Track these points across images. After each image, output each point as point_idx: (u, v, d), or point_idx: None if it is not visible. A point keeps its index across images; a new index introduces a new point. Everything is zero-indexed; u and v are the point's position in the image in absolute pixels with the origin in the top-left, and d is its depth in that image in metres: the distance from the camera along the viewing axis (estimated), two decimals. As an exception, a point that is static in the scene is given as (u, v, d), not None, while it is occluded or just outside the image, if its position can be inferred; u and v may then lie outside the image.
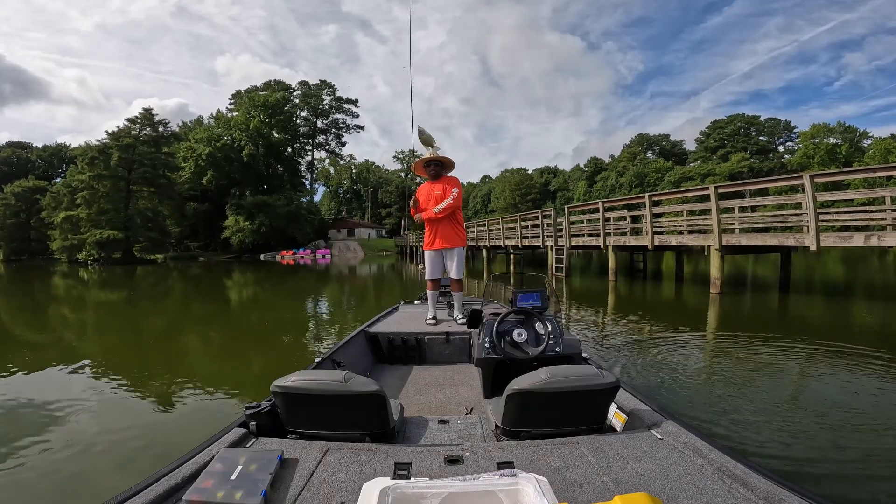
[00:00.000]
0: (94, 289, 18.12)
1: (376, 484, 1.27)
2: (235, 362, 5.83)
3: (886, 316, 7.83)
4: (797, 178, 7.96)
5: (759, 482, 1.29)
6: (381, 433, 1.84)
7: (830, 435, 3.02)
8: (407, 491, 1.21)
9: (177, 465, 1.45)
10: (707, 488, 1.32)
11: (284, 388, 1.73)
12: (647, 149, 65.04)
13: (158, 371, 5.29)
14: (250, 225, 45.41)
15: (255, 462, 1.41)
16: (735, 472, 1.36)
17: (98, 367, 5.41)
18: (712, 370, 4.70)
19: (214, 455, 1.47)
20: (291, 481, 1.39)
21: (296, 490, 1.35)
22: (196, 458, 1.50)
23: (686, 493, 1.30)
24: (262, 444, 1.67)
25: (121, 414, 3.85)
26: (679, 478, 1.38)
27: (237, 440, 1.66)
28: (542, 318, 2.77)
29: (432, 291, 4.27)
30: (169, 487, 1.32)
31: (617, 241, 12.97)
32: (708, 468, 1.43)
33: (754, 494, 1.27)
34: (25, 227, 52.42)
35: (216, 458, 1.45)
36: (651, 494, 1.11)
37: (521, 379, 1.78)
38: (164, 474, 1.39)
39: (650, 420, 1.83)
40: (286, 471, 1.45)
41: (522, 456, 1.54)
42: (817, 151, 46.77)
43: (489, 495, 1.22)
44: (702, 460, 1.47)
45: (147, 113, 41.54)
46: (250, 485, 1.31)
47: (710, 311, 8.39)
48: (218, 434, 1.70)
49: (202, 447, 1.59)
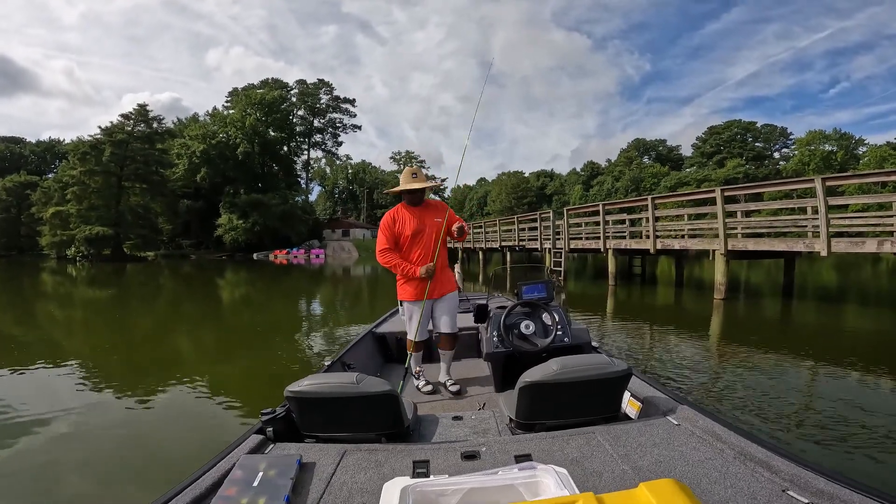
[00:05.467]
0: (81, 286, 17.71)
1: (396, 483, 1.28)
2: (230, 365, 5.57)
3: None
4: (808, 181, 7.74)
5: (783, 464, 1.27)
6: (396, 433, 1.84)
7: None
8: (427, 489, 1.21)
9: (199, 475, 1.44)
10: (730, 472, 1.29)
11: (298, 392, 1.74)
12: (643, 153, 65.05)
13: (144, 372, 5.10)
14: (244, 223, 44.89)
15: (274, 468, 1.42)
16: (757, 456, 1.34)
17: (94, 368, 5.17)
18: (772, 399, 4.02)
19: (235, 463, 1.47)
20: (312, 485, 1.40)
21: (317, 493, 1.35)
22: (217, 466, 1.49)
23: (709, 478, 1.27)
24: (280, 449, 1.66)
25: (109, 416, 3.75)
26: (700, 463, 1.36)
27: (255, 446, 1.65)
28: (549, 308, 2.75)
29: (417, 354, 3.20)
30: (194, 497, 1.32)
31: (617, 245, 12.71)
32: (728, 452, 1.40)
33: (779, 477, 1.24)
34: (16, 222, 51.95)
35: (237, 465, 1.44)
36: (676, 480, 1.05)
37: (532, 371, 1.78)
38: (188, 485, 1.38)
39: (665, 406, 1.82)
40: (306, 475, 1.45)
41: (539, 448, 1.53)
42: (812, 158, 46.94)
43: (509, 489, 1.21)
44: (721, 444, 1.45)
45: (141, 109, 41.12)
46: (272, 490, 1.32)
47: (722, 318, 8.10)
48: (236, 441, 1.70)
49: (222, 455, 1.58)
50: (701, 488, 1.23)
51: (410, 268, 2.99)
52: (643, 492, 0.93)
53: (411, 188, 3.00)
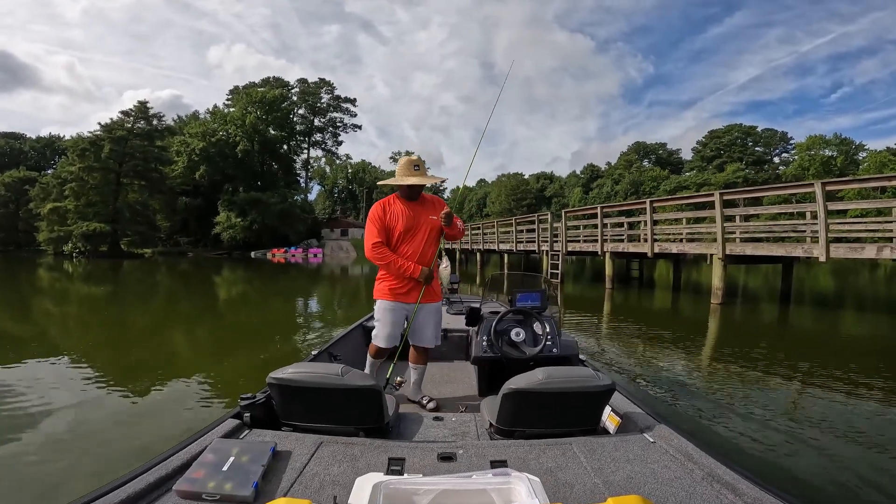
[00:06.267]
0: (76, 282, 17.62)
1: (369, 479, 1.27)
2: (221, 361, 5.49)
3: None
4: (808, 185, 7.68)
5: (748, 488, 1.29)
6: (375, 428, 1.83)
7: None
8: (399, 487, 1.21)
9: (168, 455, 1.42)
10: (696, 493, 1.31)
11: (280, 379, 1.72)
12: (643, 157, 65.07)
13: (144, 366, 5.12)
14: (242, 221, 44.81)
15: (247, 453, 1.40)
16: (724, 478, 1.36)
17: (85, 363, 5.14)
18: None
19: (207, 446, 1.45)
20: (283, 473, 1.38)
21: (287, 482, 1.33)
22: (188, 448, 1.47)
23: (675, 498, 1.29)
24: (255, 435, 1.64)
25: (101, 408, 3.76)
26: (669, 482, 1.37)
27: (230, 431, 1.63)
28: (541, 318, 2.75)
29: (377, 360, 2.86)
30: (160, 477, 1.30)
31: (615, 248, 12.64)
32: (698, 473, 1.42)
33: (741, 500, 1.26)
34: (13, 217, 51.92)
35: (208, 448, 1.42)
36: (643, 497, 1.07)
37: (517, 378, 1.78)
38: (156, 464, 1.36)
39: (643, 423, 1.83)
40: (279, 463, 1.43)
41: (515, 455, 1.53)
42: (812, 163, 46.96)
43: (481, 494, 1.22)
44: (692, 465, 1.47)
45: (142, 105, 41.12)
46: (242, 476, 1.30)
47: (720, 323, 8.06)
48: (211, 424, 1.68)
49: (195, 437, 1.56)
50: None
51: (410, 266, 2.63)
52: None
53: (409, 184, 2.66)
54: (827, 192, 7.22)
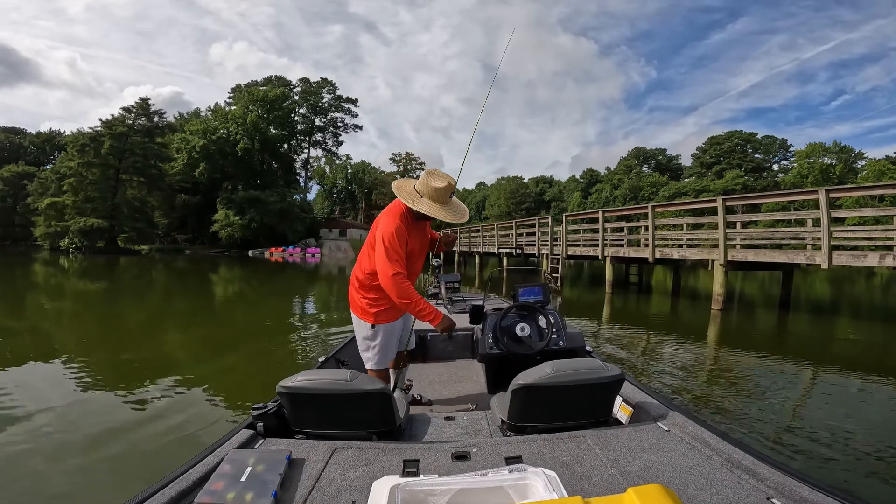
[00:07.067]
0: (72, 278, 17.52)
1: (386, 482, 1.28)
2: (220, 362, 5.45)
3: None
4: (812, 192, 7.66)
5: (769, 472, 1.29)
6: (387, 431, 1.84)
7: None
8: (416, 488, 1.21)
9: (187, 468, 1.42)
10: (716, 479, 1.31)
11: (290, 388, 1.72)
12: (643, 162, 65.15)
13: (131, 368, 5.01)
14: (240, 220, 44.61)
15: (263, 463, 1.41)
16: (744, 463, 1.35)
17: (83, 372, 4.98)
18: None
19: (224, 457, 1.45)
20: (301, 481, 1.38)
21: (305, 490, 1.34)
22: (205, 460, 1.48)
23: (695, 485, 1.29)
24: (269, 444, 1.65)
25: (104, 414, 3.64)
26: (688, 469, 1.37)
27: (245, 441, 1.64)
28: (545, 312, 2.75)
29: (392, 370, 2.76)
30: (180, 490, 1.30)
31: (616, 253, 12.61)
32: (716, 459, 1.42)
33: (764, 485, 1.26)
34: (11, 212, 51.73)
35: (225, 459, 1.43)
36: (663, 486, 1.05)
37: (526, 373, 1.77)
38: (175, 477, 1.36)
39: (656, 412, 1.83)
40: (295, 471, 1.44)
41: (530, 451, 1.54)
42: (811, 171, 47.06)
43: (498, 491, 1.22)
44: (710, 451, 1.46)
45: (143, 102, 41.11)
46: (260, 486, 1.31)
47: (721, 329, 8.03)
48: (226, 436, 1.68)
49: (211, 449, 1.56)
50: (688, 494, 1.25)
51: (432, 313, 2.27)
52: (631, 497, 0.93)
53: (444, 219, 2.29)
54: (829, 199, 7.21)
